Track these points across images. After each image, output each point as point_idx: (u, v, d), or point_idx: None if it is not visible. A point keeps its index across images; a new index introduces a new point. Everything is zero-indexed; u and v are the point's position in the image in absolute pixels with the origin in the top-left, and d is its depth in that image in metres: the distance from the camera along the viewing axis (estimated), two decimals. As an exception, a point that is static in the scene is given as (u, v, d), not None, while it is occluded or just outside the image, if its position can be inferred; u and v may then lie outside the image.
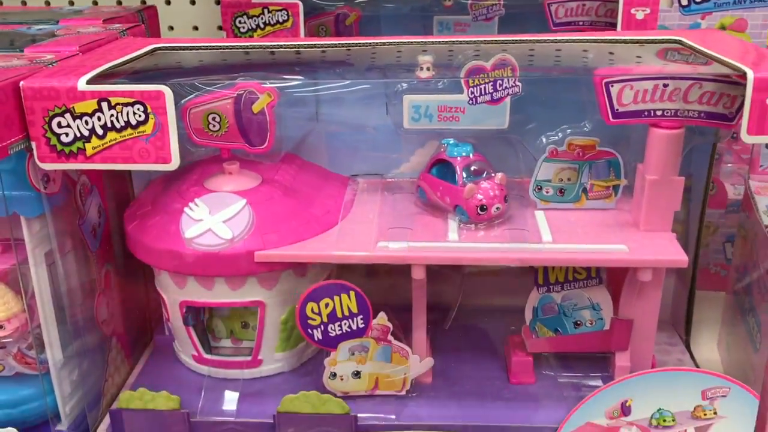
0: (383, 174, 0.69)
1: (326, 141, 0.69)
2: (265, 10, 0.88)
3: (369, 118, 0.68)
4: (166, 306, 0.64)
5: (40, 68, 0.54)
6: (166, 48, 0.62)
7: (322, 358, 0.61)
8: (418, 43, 0.65)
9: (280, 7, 0.88)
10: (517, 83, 0.58)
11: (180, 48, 0.63)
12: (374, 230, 0.60)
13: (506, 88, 0.58)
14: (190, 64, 0.62)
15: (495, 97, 0.58)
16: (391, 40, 0.66)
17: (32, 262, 0.56)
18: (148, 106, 0.50)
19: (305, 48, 0.66)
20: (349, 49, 0.65)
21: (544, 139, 0.63)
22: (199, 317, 0.64)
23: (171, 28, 1.06)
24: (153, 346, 0.71)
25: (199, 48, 0.64)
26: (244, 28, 0.90)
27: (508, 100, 0.59)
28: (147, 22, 0.82)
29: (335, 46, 0.65)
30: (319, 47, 0.66)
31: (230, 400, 0.62)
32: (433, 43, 0.65)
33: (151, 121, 0.50)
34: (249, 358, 0.64)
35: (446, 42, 0.66)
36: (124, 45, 0.62)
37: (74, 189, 0.59)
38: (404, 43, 0.65)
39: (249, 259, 0.58)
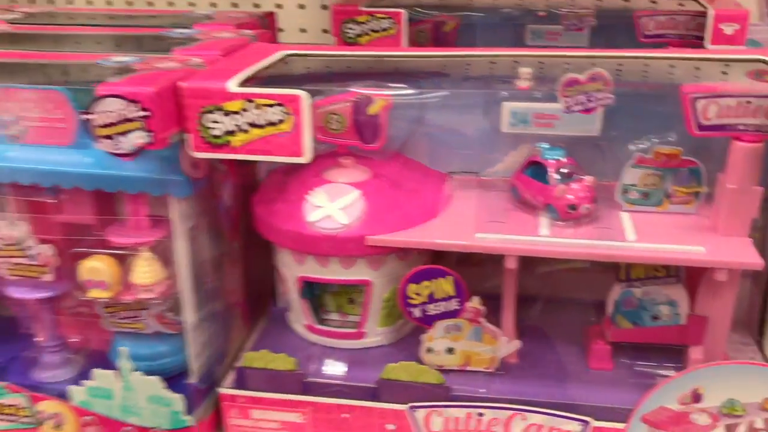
0: (478, 172, 0.76)
1: (428, 142, 0.76)
2: (372, 18, 0.96)
3: (467, 121, 0.75)
4: (285, 280, 0.73)
5: (192, 70, 0.64)
6: (296, 54, 0.71)
7: (416, 335, 0.69)
8: (515, 56, 0.71)
9: (385, 15, 0.96)
10: (609, 95, 0.64)
11: (308, 55, 0.72)
12: (471, 222, 0.67)
13: (599, 99, 0.64)
14: (317, 69, 0.71)
15: (588, 107, 0.64)
16: (490, 53, 0.73)
17: (177, 236, 0.66)
18: (288, 108, 0.58)
19: (413, 58, 0.74)
20: (459, 59, 0.72)
21: (631, 147, 0.68)
22: (312, 292, 0.73)
23: (281, 29, 1.15)
24: (268, 316, 0.80)
25: (324, 56, 0.73)
26: (351, 33, 0.98)
27: (599, 110, 0.65)
28: (268, 26, 0.92)
29: (448, 56, 0.72)
30: (426, 57, 0.73)
31: (338, 365, 0.70)
32: (528, 56, 0.72)
33: (289, 120, 0.59)
34: (354, 330, 0.72)
35: (539, 55, 0.73)
36: (258, 50, 0.71)
37: (214, 175, 0.69)
38: (502, 55, 0.72)
39: (360, 242, 0.66)
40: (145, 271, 0.67)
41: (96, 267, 0.67)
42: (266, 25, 0.91)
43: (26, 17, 0.92)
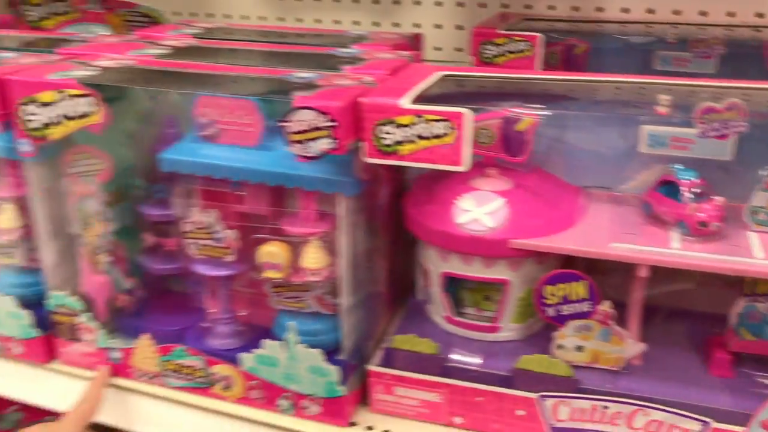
0: (612, 188, 0.82)
1: (565, 158, 0.83)
2: (509, 40, 1.04)
3: (602, 141, 0.82)
4: (428, 275, 0.82)
5: (366, 88, 0.73)
6: (452, 75, 0.80)
7: (545, 333, 0.76)
8: (646, 83, 0.78)
9: (523, 39, 1.03)
10: (744, 123, 0.69)
11: (461, 76, 0.81)
12: (605, 233, 0.74)
13: (733, 126, 0.69)
14: (472, 89, 0.79)
15: (722, 134, 0.70)
16: (628, 79, 0.79)
17: (341, 229, 0.76)
18: (452, 123, 0.67)
19: (555, 81, 0.81)
20: (600, 84, 0.79)
21: (761, 172, 0.73)
22: (452, 287, 0.81)
23: (420, 48, 1.25)
24: (407, 307, 0.89)
25: (475, 77, 0.81)
26: (488, 54, 1.06)
27: (733, 136, 0.71)
28: (416, 46, 1.01)
29: (589, 81, 0.79)
30: (568, 81, 0.81)
31: (475, 353, 0.78)
32: (662, 84, 0.78)
33: (452, 134, 0.67)
34: (489, 324, 0.80)
35: (669, 83, 0.79)
36: (419, 71, 0.80)
37: (375, 179, 0.78)
38: (635, 82, 0.79)
39: (503, 244, 0.74)
40: (313, 257, 0.77)
41: (272, 251, 0.78)
42: (415, 46, 1.00)
43: (206, 32, 1.05)
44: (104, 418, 0.87)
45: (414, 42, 1.01)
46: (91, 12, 1.24)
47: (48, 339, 0.90)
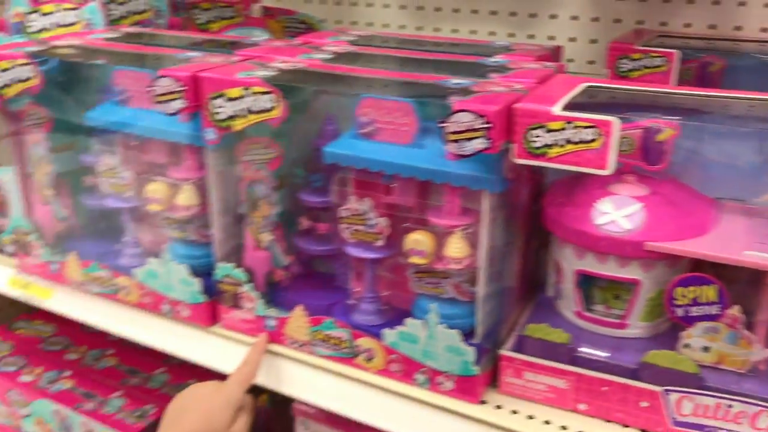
0: (745, 200, 0.86)
1: (700, 169, 0.87)
2: (645, 56, 1.09)
3: (738, 154, 0.85)
4: (562, 272, 0.88)
5: (517, 94, 0.80)
6: (595, 86, 0.86)
7: (671, 333, 0.81)
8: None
9: (659, 54, 1.07)
10: None
11: (605, 87, 0.87)
12: (739, 241, 0.78)
13: None
14: (615, 99, 0.85)
15: None
16: (758, 96, 0.83)
17: (484, 223, 0.83)
18: (600, 130, 0.73)
19: (690, 96, 0.86)
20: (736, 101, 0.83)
21: None
22: (583, 285, 0.87)
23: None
24: (536, 301, 0.96)
25: (617, 89, 0.87)
26: (624, 68, 1.11)
27: None
28: (557, 58, 1.07)
29: (726, 98, 0.83)
30: (705, 97, 0.85)
31: (603, 346, 0.84)
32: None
33: (599, 140, 0.73)
34: (618, 321, 0.86)
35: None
36: (566, 81, 0.87)
37: (517, 179, 0.85)
38: (764, 100, 0.82)
39: (638, 246, 0.79)
40: (456, 247, 0.85)
41: (419, 239, 0.87)
42: (556, 57, 1.06)
43: (360, 39, 1.15)
44: (258, 379, 0.98)
45: (555, 54, 1.07)
46: (253, 17, 1.37)
47: (213, 305, 1.02)
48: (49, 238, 1.17)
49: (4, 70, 1.06)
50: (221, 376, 1.25)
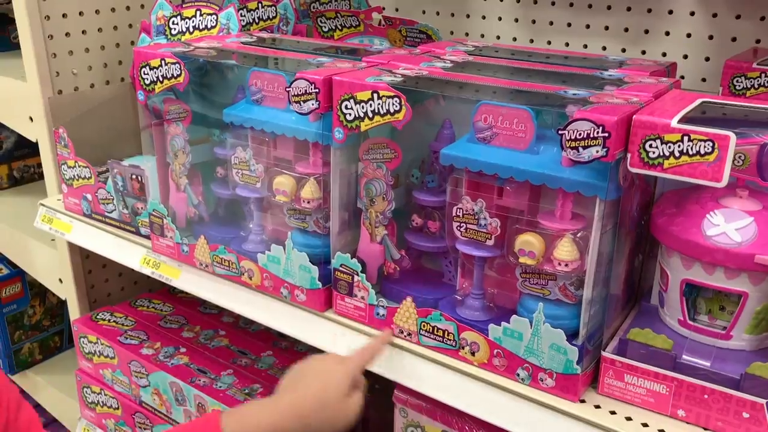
0: None
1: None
2: (763, 75, 1.09)
3: None
4: (668, 280, 0.91)
5: (634, 106, 0.84)
6: (710, 102, 0.88)
7: (776, 348, 0.82)
8: None
9: (777, 74, 1.08)
10: None
11: (721, 103, 0.89)
12: None
13: None
14: (731, 115, 0.87)
15: None
16: None
17: (594, 229, 0.86)
18: (716, 144, 0.76)
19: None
20: None
21: None
22: (691, 294, 0.89)
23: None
24: (640, 309, 0.98)
25: (733, 105, 0.89)
26: (739, 86, 1.12)
27: None
28: (671, 74, 1.10)
29: None
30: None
31: (705, 355, 0.86)
32: None
33: (715, 154, 0.76)
34: (722, 332, 0.88)
35: None
36: (682, 96, 0.89)
37: (630, 188, 0.89)
38: None
39: (748, 259, 0.81)
40: (566, 250, 0.89)
41: (529, 240, 0.91)
42: (670, 74, 1.09)
43: (476, 50, 1.21)
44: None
45: (669, 70, 1.09)
46: (374, 26, 1.45)
47: (327, 291, 1.10)
48: (181, 222, 1.28)
49: (154, 68, 1.18)
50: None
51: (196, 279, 1.26)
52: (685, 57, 1.35)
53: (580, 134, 0.81)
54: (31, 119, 1.58)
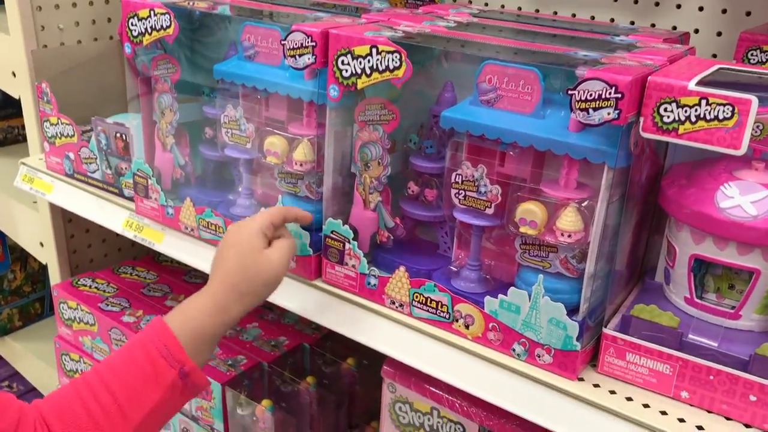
0: None
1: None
2: (781, 48, 1.05)
3: None
4: (675, 256, 0.86)
5: (649, 69, 0.79)
6: (728, 68, 0.83)
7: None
8: None
9: (796, 47, 1.03)
10: None
11: (739, 70, 0.84)
12: None
13: None
14: (748, 82, 0.82)
15: None
16: None
17: (601, 199, 0.81)
18: (737, 108, 0.71)
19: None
20: None
21: None
22: (699, 270, 0.85)
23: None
24: (643, 286, 0.94)
25: (752, 72, 0.84)
26: (754, 60, 1.07)
27: None
28: (684, 44, 1.05)
29: None
30: None
31: (712, 335, 0.82)
32: None
33: (735, 119, 0.71)
34: (731, 311, 0.83)
35: None
36: (698, 62, 0.84)
37: (639, 155, 0.84)
38: None
39: (764, 234, 0.77)
40: (569, 220, 0.84)
41: (531, 209, 0.86)
42: (683, 44, 1.04)
43: (481, 12, 1.16)
44: (354, 335, 1.00)
45: (682, 40, 1.04)
46: (375, -11, 1.39)
47: (318, 259, 1.05)
48: (167, 184, 1.23)
49: (143, 18, 1.12)
50: (319, 329, 1.28)
51: (181, 243, 1.21)
52: (696, 31, 1.30)
53: (591, 95, 0.76)
54: (13, 74, 1.52)
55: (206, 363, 0.92)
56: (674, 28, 1.33)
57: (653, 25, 1.35)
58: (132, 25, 1.14)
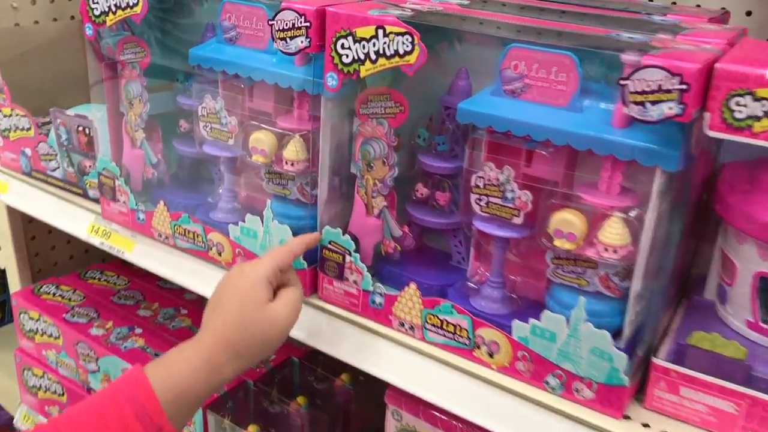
0: None
1: None
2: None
3: None
4: (735, 272, 0.74)
5: (713, 54, 0.66)
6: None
7: None
8: None
9: None
10: None
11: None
12: None
13: None
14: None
15: None
16: None
17: (652, 207, 0.69)
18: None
19: None
20: None
21: None
22: (765, 290, 0.73)
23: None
24: (691, 305, 0.82)
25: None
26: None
27: None
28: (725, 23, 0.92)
29: None
30: None
31: (787, 367, 0.70)
32: None
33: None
34: (804, 338, 0.71)
35: None
36: (760, 45, 0.72)
37: (696, 159, 0.71)
38: None
39: None
40: (615, 232, 0.71)
41: (569, 219, 0.74)
42: (724, 23, 0.91)
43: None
44: (356, 361, 0.87)
45: (723, 19, 0.92)
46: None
47: (313, 273, 0.91)
48: (137, 185, 1.08)
49: (105, -5, 0.97)
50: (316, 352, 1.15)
51: (154, 252, 1.07)
52: (749, 14, 1.17)
53: (649, 86, 0.63)
54: (-38, 59, 1.35)
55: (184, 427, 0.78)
56: (698, 6, 1.20)
57: (674, 3, 1.22)
58: (93, 2, 0.98)
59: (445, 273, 0.90)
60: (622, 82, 0.65)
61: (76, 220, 1.17)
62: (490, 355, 0.79)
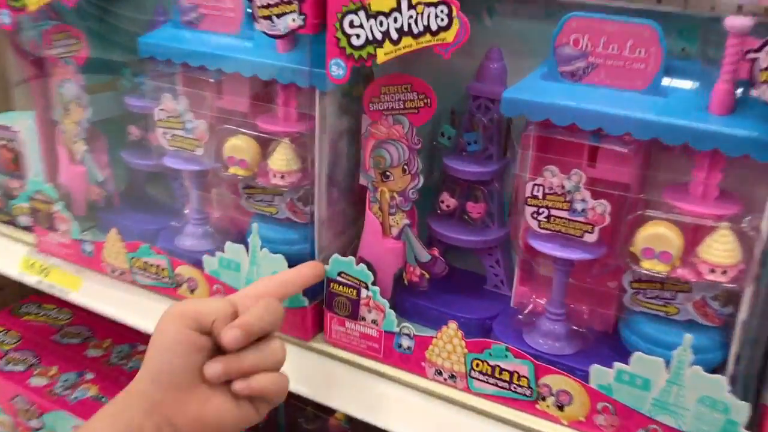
0: None
1: None
2: None
3: None
4: None
5: None
6: None
7: None
8: None
9: None
10: None
11: None
12: None
13: None
14: None
15: None
16: None
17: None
18: None
19: None
20: None
21: None
22: None
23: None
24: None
25: None
26: None
27: None
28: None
29: None
30: None
31: None
32: None
33: None
34: None
35: None
36: None
37: None
38: None
39: None
40: (725, 248, 0.57)
41: (662, 234, 0.58)
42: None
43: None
44: (379, 421, 0.70)
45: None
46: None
47: (315, 311, 0.73)
48: (80, 209, 0.90)
49: (24, -28, 0.77)
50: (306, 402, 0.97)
51: (106, 291, 0.88)
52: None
53: None
54: None
55: None
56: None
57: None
58: (8, -18, 0.77)
59: (482, 302, 0.74)
60: (751, 53, 0.48)
61: (5, 254, 0.96)
62: (560, 408, 0.63)
